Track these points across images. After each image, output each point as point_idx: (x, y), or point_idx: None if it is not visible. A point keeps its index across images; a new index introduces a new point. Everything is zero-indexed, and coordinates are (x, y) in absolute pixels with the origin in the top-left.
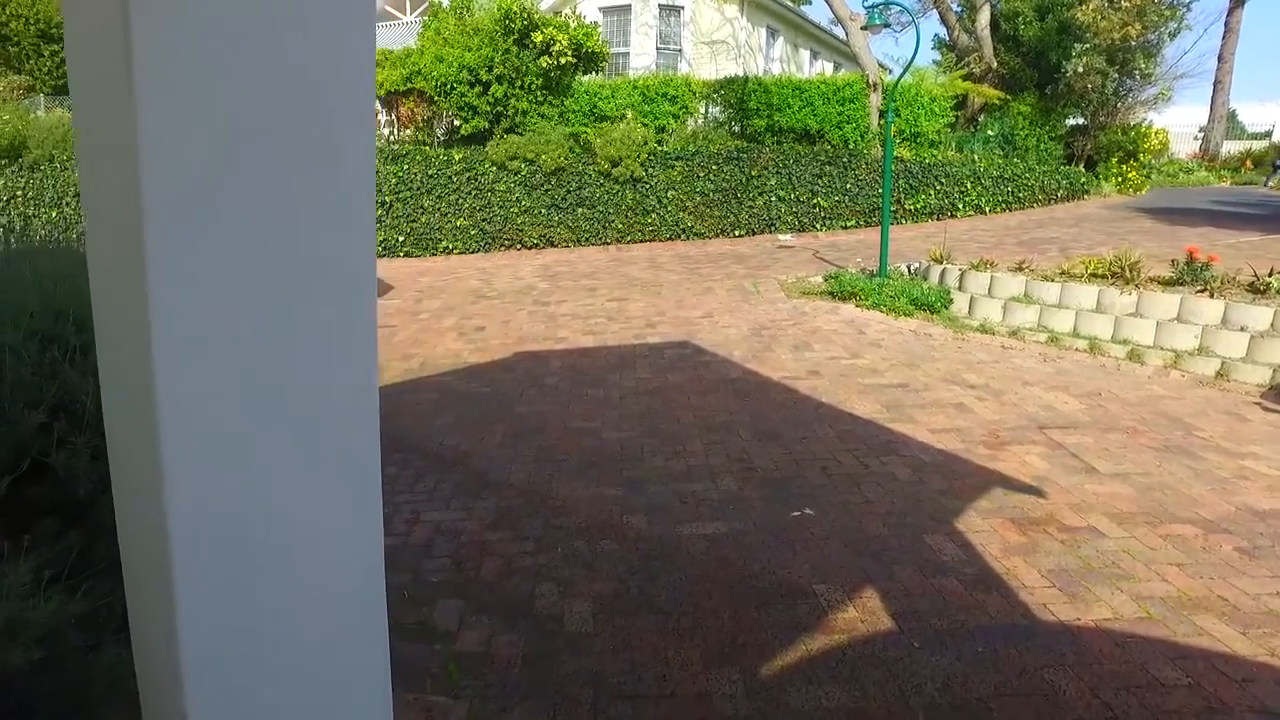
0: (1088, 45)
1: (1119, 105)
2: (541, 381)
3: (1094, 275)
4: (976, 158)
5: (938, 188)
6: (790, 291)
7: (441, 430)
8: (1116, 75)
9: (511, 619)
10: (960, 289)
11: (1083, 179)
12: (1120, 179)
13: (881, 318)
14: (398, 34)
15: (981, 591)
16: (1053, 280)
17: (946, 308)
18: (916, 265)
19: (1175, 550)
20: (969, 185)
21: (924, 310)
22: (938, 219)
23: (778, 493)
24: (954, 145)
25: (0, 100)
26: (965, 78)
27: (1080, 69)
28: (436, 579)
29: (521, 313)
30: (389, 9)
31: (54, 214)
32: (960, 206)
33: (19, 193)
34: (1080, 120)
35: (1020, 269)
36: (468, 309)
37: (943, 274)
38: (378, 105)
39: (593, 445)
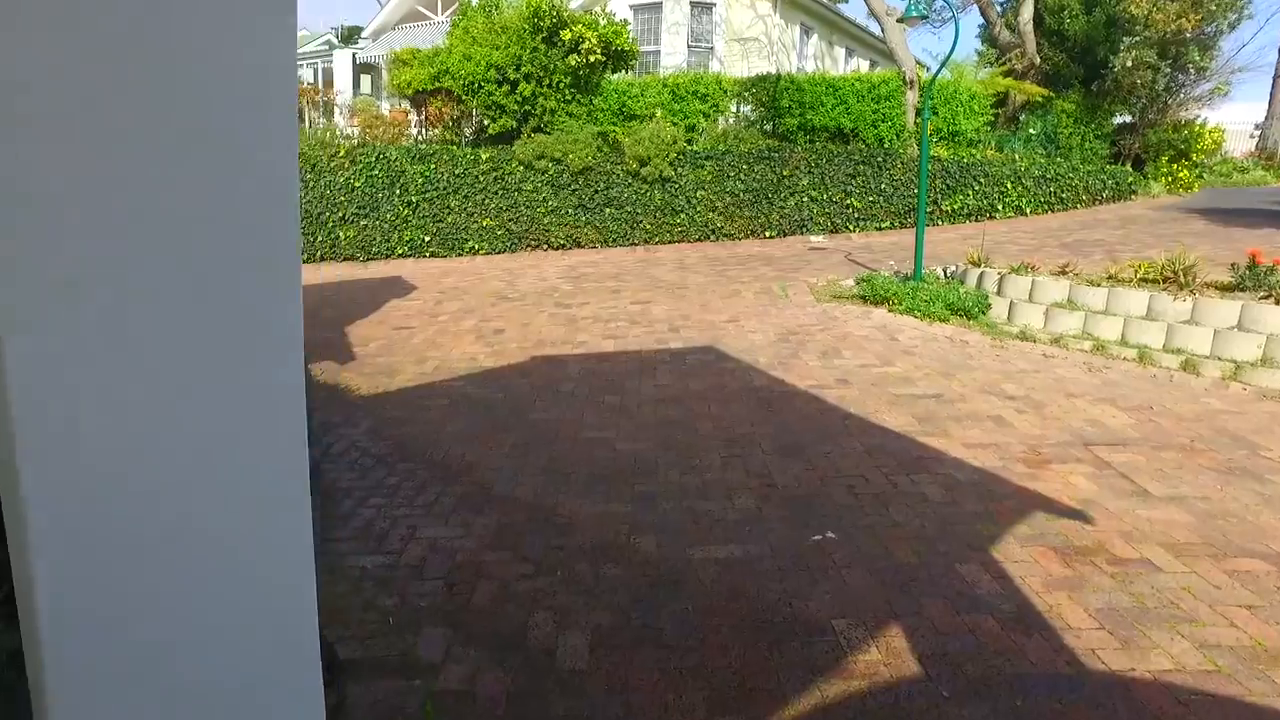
0: (1137, 39)
1: (1170, 102)
2: (558, 387)
3: (1144, 280)
4: (1017, 157)
5: (976, 188)
6: (820, 295)
7: (450, 438)
8: (1168, 70)
9: (501, 652)
10: (999, 294)
11: (1130, 179)
12: (1170, 179)
13: (915, 323)
14: (429, 34)
15: (1020, 632)
16: (1099, 285)
17: (984, 313)
18: (953, 269)
19: (1245, 590)
20: (1009, 185)
21: (960, 316)
22: (975, 221)
23: (798, 513)
24: (993, 144)
25: None
26: (1006, 74)
27: (1129, 64)
28: (425, 603)
29: (542, 315)
30: (420, 9)
31: None
32: (1000, 208)
33: None
34: (1127, 118)
35: (1064, 273)
36: (488, 311)
37: (981, 278)
38: (406, 104)
39: (605, 457)
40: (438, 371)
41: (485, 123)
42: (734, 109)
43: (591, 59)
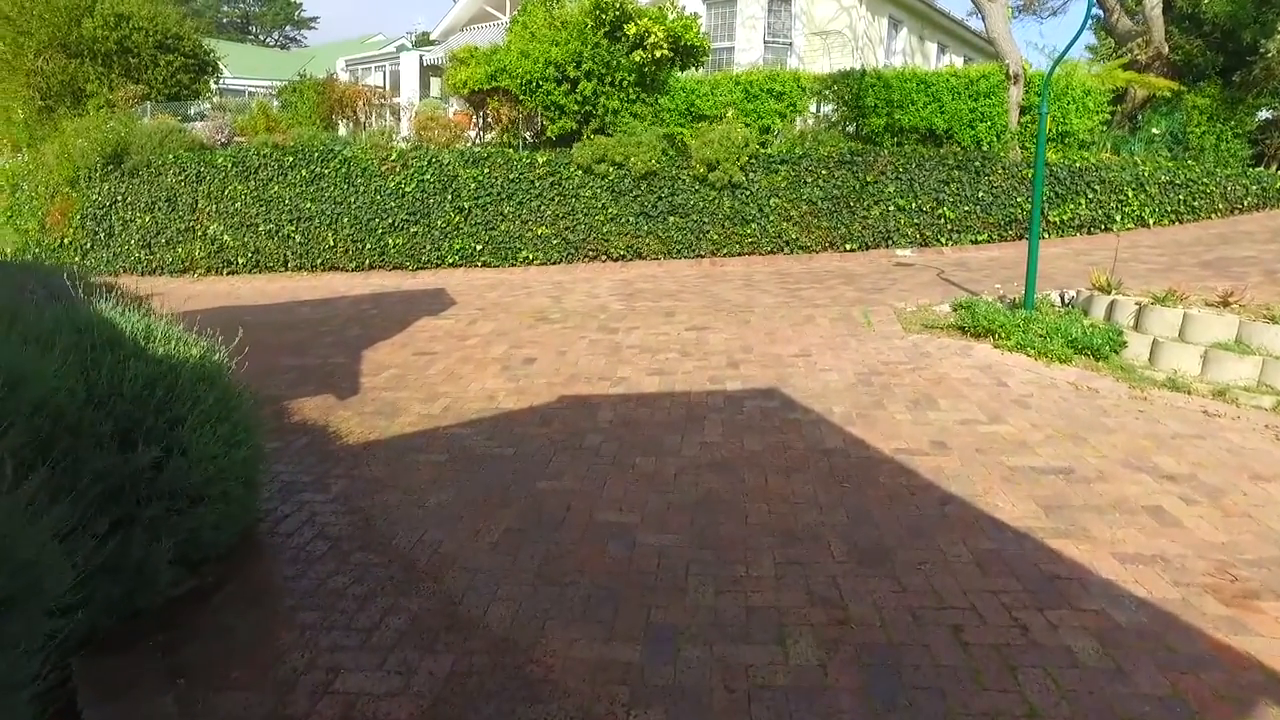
0: None
1: None
2: (581, 441)
3: None
4: (1138, 160)
5: (1090, 195)
6: (909, 324)
7: (431, 515)
8: None
9: None
10: (1137, 328)
11: (1278, 184)
12: None
13: (1028, 364)
14: (493, 34)
15: None
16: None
17: (1117, 353)
18: (1072, 294)
19: None
20: (1129, 193)
21: (1085, 355)
22: (1088, 233)
23: (880, 681)
24: (1108, 146)
25: (112, 108)
26: (1127, 67)
27: None
28: None
29: (582, 342)
30: (489, 9)
31: (146, 219)
32: (1118, 218)
33: (120, 198)
34: (1274, 112)
35: (1226, 303)
36: (522, 335)
37: (1111, 307)
38: (465, 105)
39: (620, 557)
40: (446, 413)
41: (544, 124)
42: (813, 109)
43: (658, 55)
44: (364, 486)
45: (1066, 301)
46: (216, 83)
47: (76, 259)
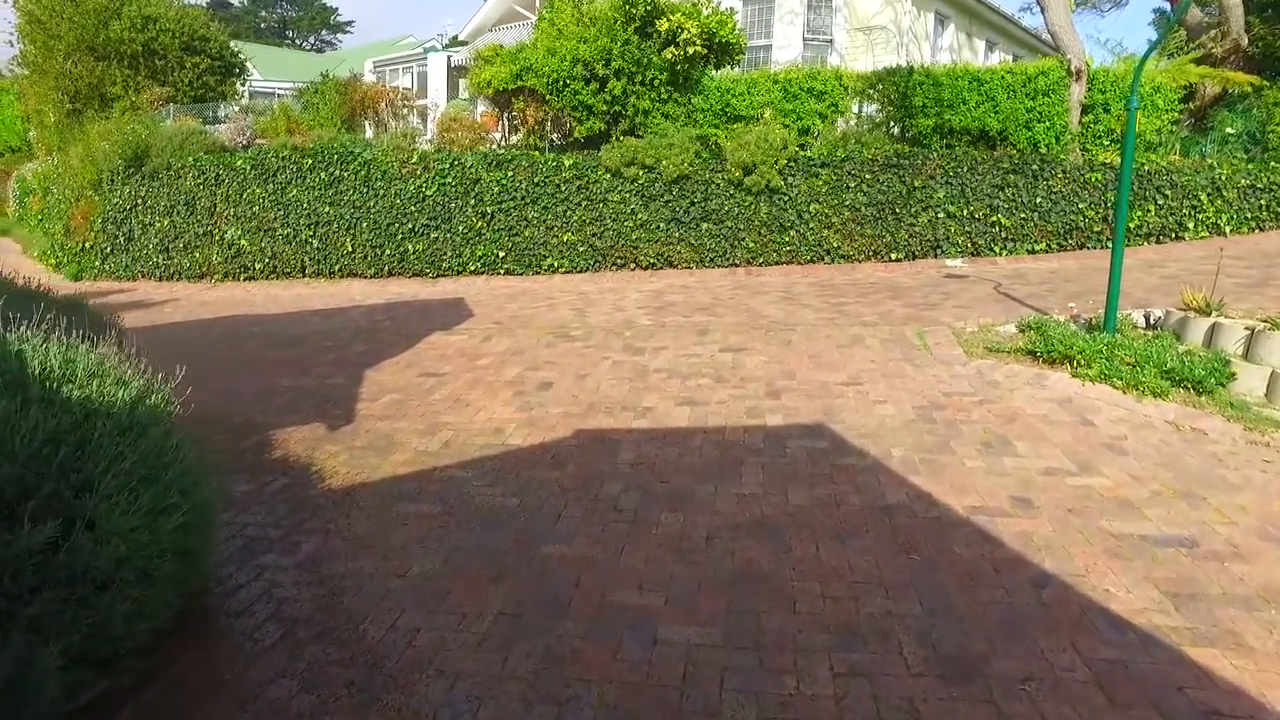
0: None
1: None
2: (598, 489)
3: None
4: (1213, 162)
5: (1160, 201)
6: (971, 346)
7: (410, 592)
8: None
9: None
10: (1248, 358)
11: None
12: None
13: (1115, 397)
14: (521, 34)
15: None
16: None
17: (1223, 386)
18: (1158, 314)
19: None
20: (1203, 198)
21: (1184, 388)
22: (1157, 242)
23: None
24: (1176, 147)
25: (137, 111)
26: (1199, 61)
27: None
28: None
29: (605, 363)
30: (519, 8)
31: (165, 223)
32: (1191, 225)
33: (140, 201)
34: None
35: None
36: (540, 354)
37: (1212, 331)
38: (491, 106)
39: (637, 660)
40: (446, 449)
41: (571, 125)
42: (855, 109)
43: (690, 51)
44: (338, 547)
45: (1152, 323)
46: (243, 85)
47: (97, 264)
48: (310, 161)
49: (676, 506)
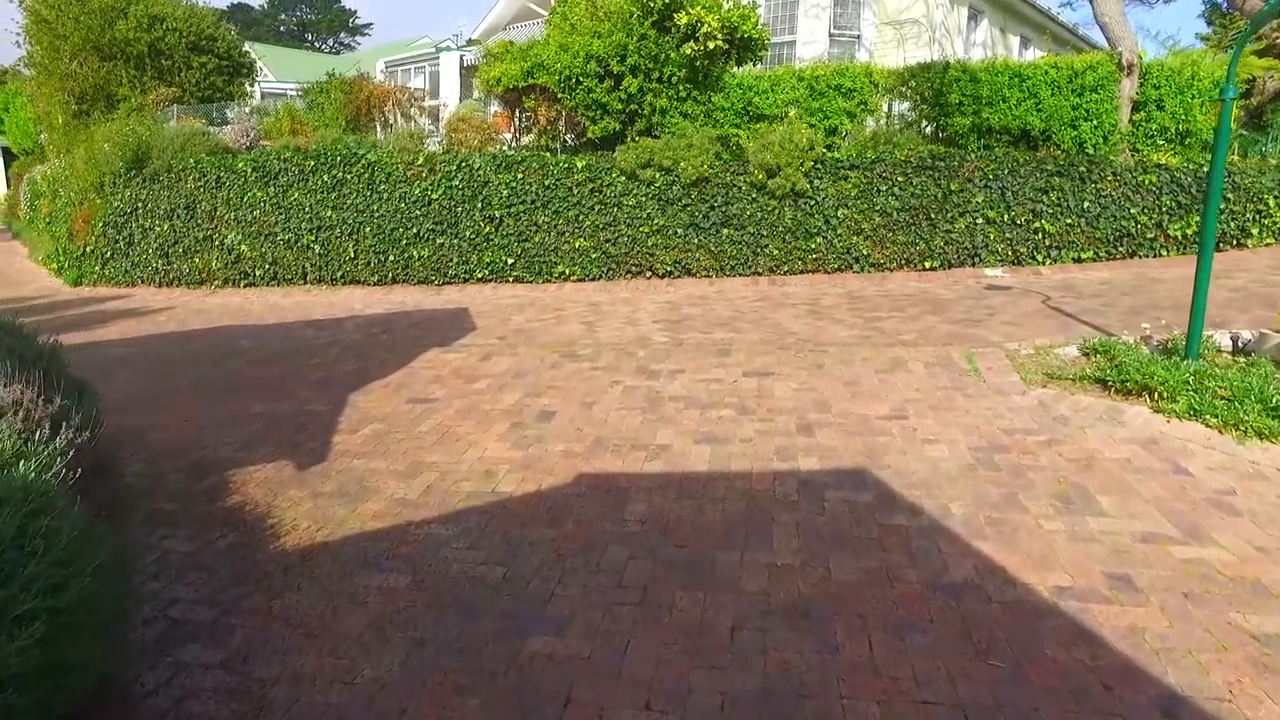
0: None
1: None
2: (601, 556)
3: None
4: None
5: (1221, 205)
6: (1028, 372)
7: (355, 704)
8: None
9: None
10: None
11: None
12: None
13: (1210, 438)
14: (534, 31)
15: None
16: None
17: None
18: (1248, 336)
19: None
20: (1270, 202)
21: None
22: (1217, 248)
23: None
24: (1235, 146)
25: (142, 111)
26: (1260, 53)
27: None
28: None
29: (615, 389)
30: (533, 6)
31: (165, 226)
32: (1255, 232)
33: (140, 204)
34: None
35: None
36: (543, 376)
37: None
38: (503, 106)
39: None
40: (425, 499)
41: (585, 125)
42: (886, 107)
43: (711, 46)
44: (278, 636)
45: (1240, 346)
46: (253, 85)
47: (97, 269)
48: (313, 163)
49: (695, 581)
